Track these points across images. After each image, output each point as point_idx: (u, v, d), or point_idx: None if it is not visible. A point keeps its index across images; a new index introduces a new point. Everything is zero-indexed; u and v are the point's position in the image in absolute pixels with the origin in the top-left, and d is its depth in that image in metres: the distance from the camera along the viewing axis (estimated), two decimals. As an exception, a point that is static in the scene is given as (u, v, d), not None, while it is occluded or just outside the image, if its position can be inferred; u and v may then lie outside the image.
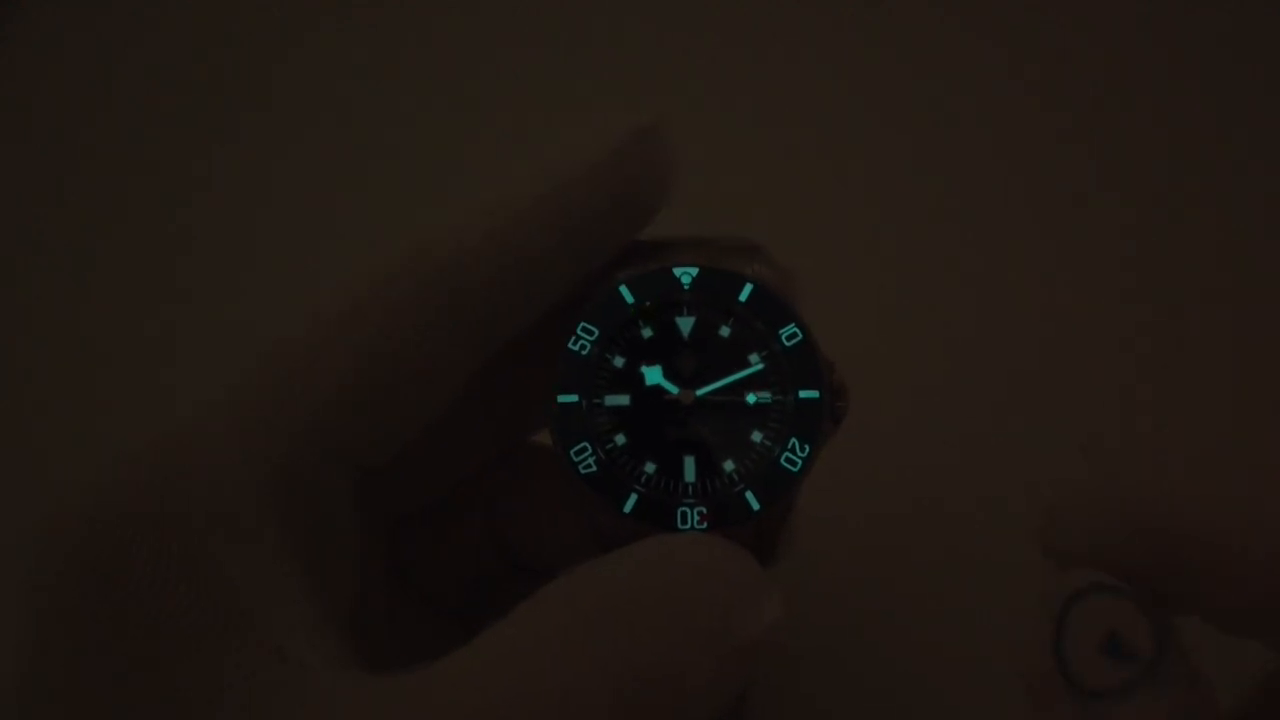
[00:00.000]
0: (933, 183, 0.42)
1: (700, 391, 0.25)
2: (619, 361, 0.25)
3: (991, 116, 0.43)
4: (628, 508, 0.24)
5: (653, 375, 0.25)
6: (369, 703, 0.20)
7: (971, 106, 0.43)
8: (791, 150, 0.43)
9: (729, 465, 0.25)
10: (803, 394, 0.25)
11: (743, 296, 0.25)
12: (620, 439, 0.25)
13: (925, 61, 0.44)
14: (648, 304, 0.26)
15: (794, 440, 0.25)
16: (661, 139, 0.26)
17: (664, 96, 0.44)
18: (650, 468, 0.25)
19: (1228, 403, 0.37)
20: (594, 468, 0.25)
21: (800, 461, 0.24)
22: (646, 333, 0.25)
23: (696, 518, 0.24)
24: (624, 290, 0.25)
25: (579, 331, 0.25)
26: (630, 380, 0.25)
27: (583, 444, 0.25)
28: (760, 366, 0.25)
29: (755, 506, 0.24)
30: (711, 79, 0.45)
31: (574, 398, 0.25)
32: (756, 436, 0.25)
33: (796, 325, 0.25)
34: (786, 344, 0.25)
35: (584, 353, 0.25)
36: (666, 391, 0.25)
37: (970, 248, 0.41)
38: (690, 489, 0.25)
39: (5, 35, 0.47)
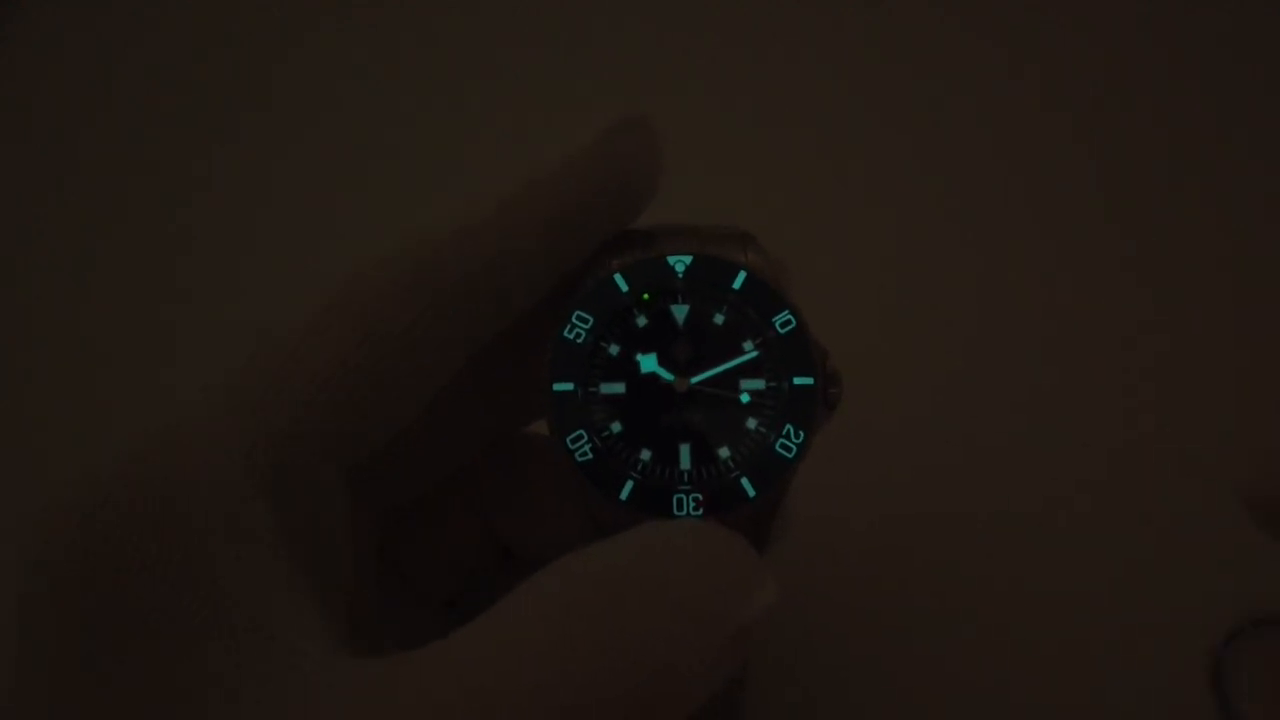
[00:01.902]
0: (932, 181, 0.42)
1: (695, 379, 0.25)
2: (614, 349, 0.25)
3: (991, 115, 0.43)
4: (624, 495, 0.24)
5: (648, 363, 0.25)
6: (362, 688, 0.20)
7: (971, 105, 0.43)
8: (792, 148, 0.43)
9: (724, 452, 0.25)
10: (797, 380, 0.25)
11: (736, 284, 0.25)
12: (616, 427, 0.25)
13: (924, 60, 0.44)
14: (646, 295, 0.26)
15: (789, 426, 0.24)
16: (646, 130, 0.26)
17: (663, 95, 0.44)
18: (646, 455, 0.25)
19: (1229, 401, 0.37)
20: (590, 455, 0.24)
21: (795, 448, 0.24)
22: (641, 321, 0.25)
23: (692, 504, 0.24)
24: (618, 279, 0.25)
25: (573, 320, 0.25)
26: (625, 368, 0.25)
27: (579, 432, 0.25)
28: (755, 353, 0.25)
29: (751, 493, 0.24)
30: (711, 78, 0.45)
31: (569, 386, 0.25)
32: (751, 423, 0.25)
33: (790, 312, 0.25)
34: (780, 331, 0.25)
35: (579, 341, 0.25)
36: (662, 379, 0.25)
37: (970, 246, 0.41)
38: (686, 476, 0.25)
39: (5, 35, 0.47)
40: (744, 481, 0.24)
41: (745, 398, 0.25)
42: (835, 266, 0.39)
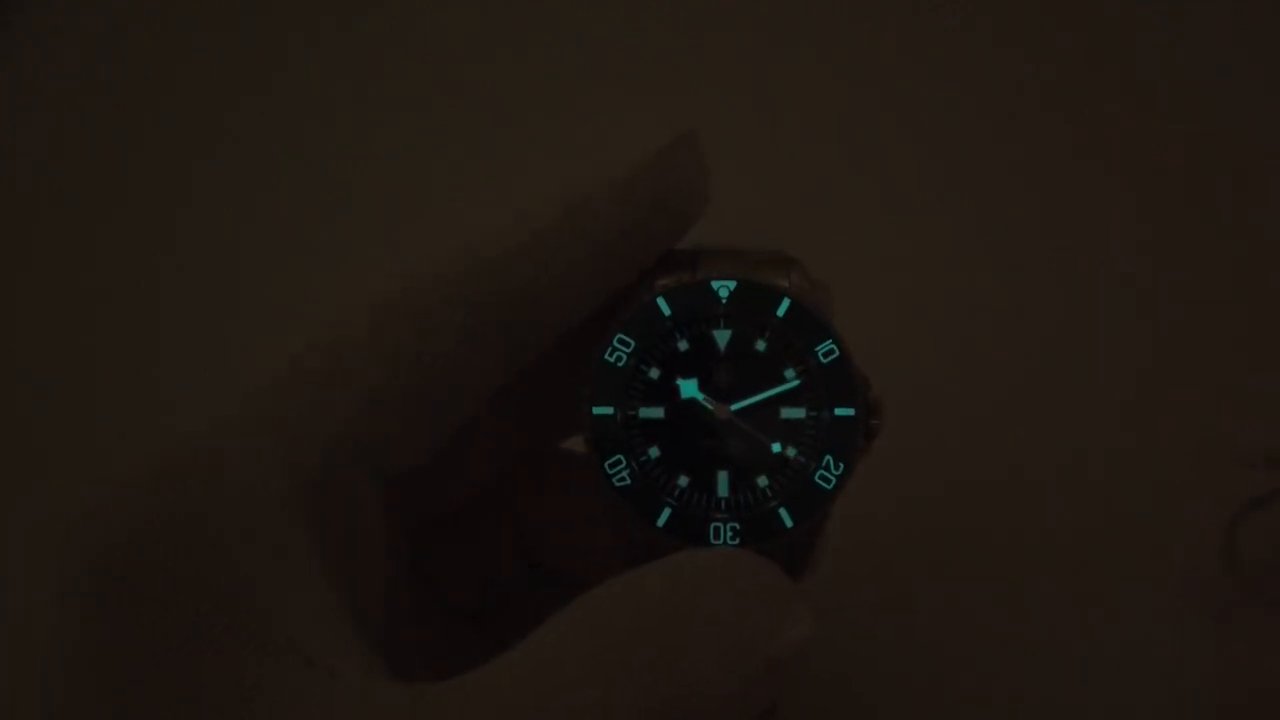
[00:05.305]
0: (963, 195, 0.42)
1: (735, 406, 0.25)
2: (654, 374, 0.25)
3: (1025, 129, 0.43)
4: (661, 521, 0.24)
5: (688, 388, 0.25)
6: (397, 710, 0.20)
7: (1004, 118, 0.43)
8: (824, 162, 0.43)
9: (762, 481, 0.25)
10: (838, 411, 0.25)
11: (780, 311, 0.25)
12: (654, 452, 0.25)
13: (958, 74, 0.44)
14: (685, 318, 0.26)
15: (828, 457, 0.24)
16: (696, 148, 0.26)
17: (695, 103, 0.44)
18: (683, 481, 0.25)
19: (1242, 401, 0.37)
20: (628, 480, 0.24)
21: (834, 479, 0.24)
22: (683, 345, 0.25)
23: (729, 533, 0.24)
24: (661, 302, 0.25)
25: (615, 343, 0.25)
26: (665, 393, 0.25)
27: (617, 456, 0.25)
28: (796, 382, 0.25)
29: (788, 523, 0.24)
30: (743, 89, 0.44)
31: (609, 409, 0.25)
32: (791, 452, 0.25)
33: (833, 341, 0.25)
34: (823, 360, 0.25)
35: (620, 364, 0.25)
36: (702, 405, 0.25)
37: (1000, 260, 0.40)
38: (723, 504, 0.24)
39: (5, 35, 0.47)
40: (782, 511, 0.24)
41: (777, 446, 0.25)
42: (862, 277, 0.39)
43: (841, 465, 0.24)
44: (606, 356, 0.25)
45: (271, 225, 0.43)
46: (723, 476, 0.25)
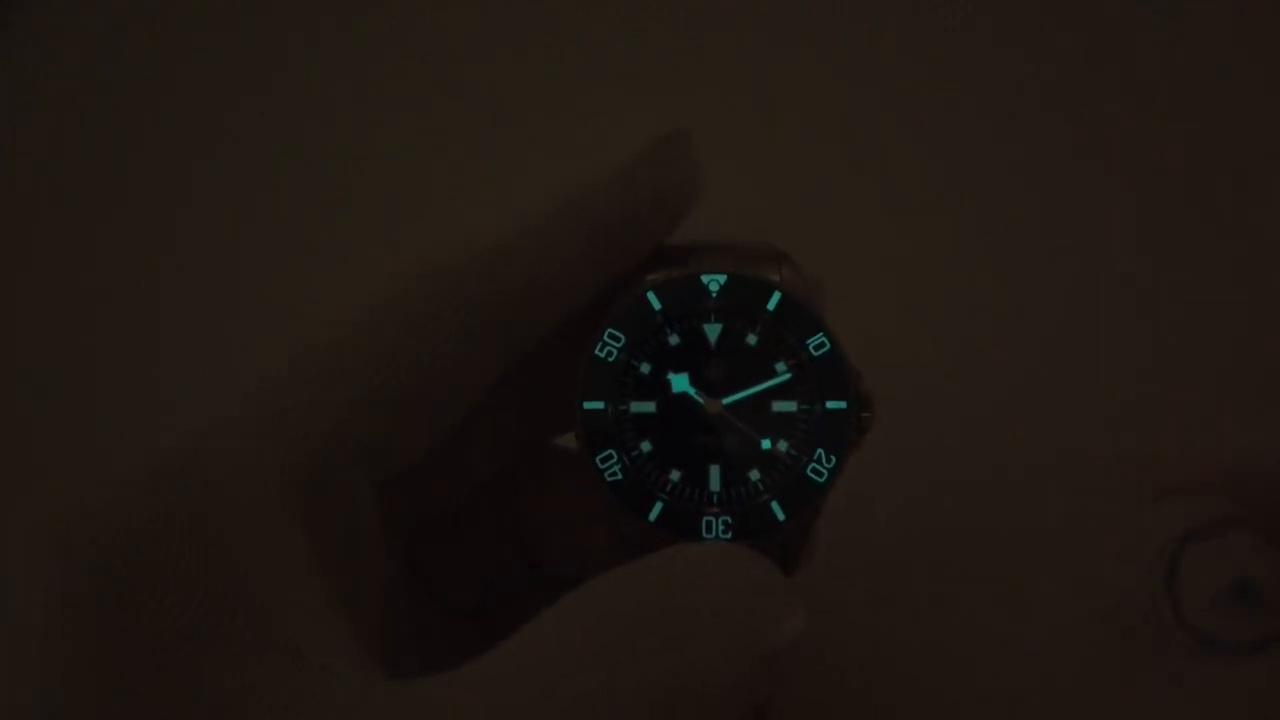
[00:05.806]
0: (963, 195, 0.42)
1: (727, 400, 0.25)
2: (645, 368, 0.25)
3: (1025, 129, 0.43)
4: (653, 516, 0.24)
5: (679, 383, 0.25)
6: (395, 708, 0.20)
7: (1004, 118, 0.43)
8: (824, 162, 0.43)
9: (754, 475, 0.25)
10: (830, 404, 0.25)
11: (771, 305, 0.25)
12: (646, 446, 0.25)
13: (958, 74, 0.44)
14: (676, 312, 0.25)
15: (820, 451, 0.24)
16: (688, 144, 0.26)
17: (695, 103, 0.44)
18: (675, 476, 0.25)
19: (1247, 404, 0.37)
20: (620, 475, 0.24)
21: (826, 472, 0.24)
22: (673, 340, 0.25)
23: (721, 527, 0.24)
24: (651, 297, 0.25)
25: (605, 338, 0.25)
26: (656, 387, 0.25)
27: (609, 451, 0.25)
28: (787, 376, 0.25)
29: (780, 517, 0.24)
30: (743, 89, 0.44)
31: (600, 404, 0.25)
32: (782, 446, 0.25)
33: (824, 335, 0.25)
34: (814, 353, 0.25)
35: (610, 359, 0.25)
36: (693, 399, 0.25)
37: (1000, 260, 0.40)
38: (715, 498, 0.24)
39: (5, 35, 0.47)
40: (774, 505, 0.24)
41: (768, 440, 0.25)
42: (854, 272, 0.39)
43: (833, 458, 0.24)
44: (597, 351, 0.25)
45: (271, 225, 0.43)
46: (715, 471, 0.25)
